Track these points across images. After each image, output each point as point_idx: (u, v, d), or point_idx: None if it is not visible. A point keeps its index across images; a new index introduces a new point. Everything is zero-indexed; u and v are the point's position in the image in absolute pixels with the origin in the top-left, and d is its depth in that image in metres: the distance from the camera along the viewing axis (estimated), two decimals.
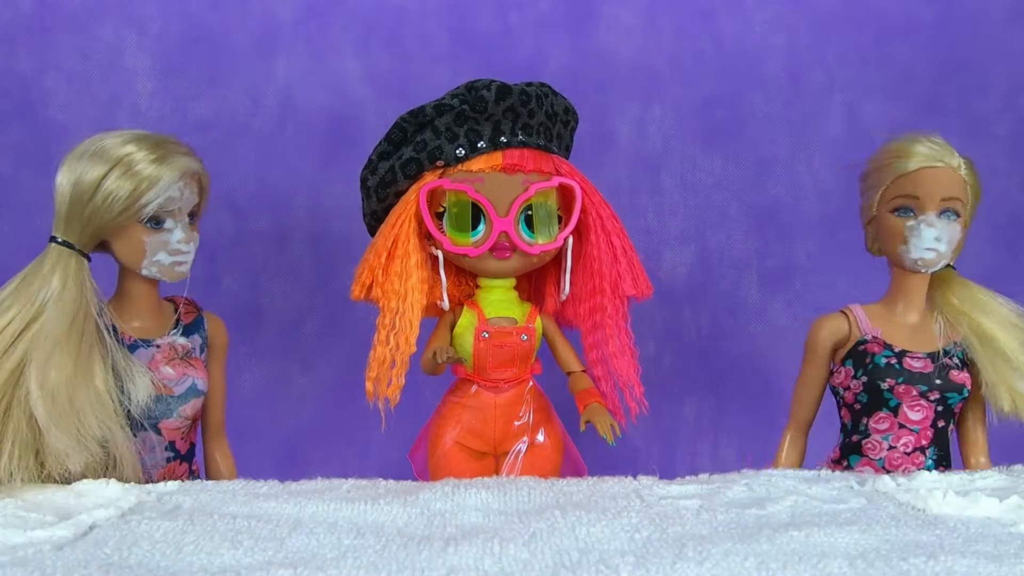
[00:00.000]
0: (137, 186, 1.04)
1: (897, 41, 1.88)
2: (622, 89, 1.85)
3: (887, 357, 1.18)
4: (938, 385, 1.17)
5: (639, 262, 1.26)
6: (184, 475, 1.17)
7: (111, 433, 1.02)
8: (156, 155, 1.05)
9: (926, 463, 1.19)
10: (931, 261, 1.17)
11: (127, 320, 1.13)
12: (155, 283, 1.15)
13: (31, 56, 1.73)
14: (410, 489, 0.98)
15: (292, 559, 0.73)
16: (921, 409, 1.18)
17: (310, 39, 1.80)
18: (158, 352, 1.13)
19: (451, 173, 1.19)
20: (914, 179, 1.15)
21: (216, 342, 1.22)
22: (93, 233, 1.06)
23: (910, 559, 0.70)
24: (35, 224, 1.72)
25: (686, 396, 1.84)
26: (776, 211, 1.85)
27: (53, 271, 1.04)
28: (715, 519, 0.85)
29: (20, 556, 0.73)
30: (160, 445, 1.13)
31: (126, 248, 1.09)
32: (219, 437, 1.26)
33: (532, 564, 0.72)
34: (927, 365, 1.18)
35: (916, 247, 1.16)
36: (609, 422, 1.15)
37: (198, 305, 1.23)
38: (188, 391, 1.14)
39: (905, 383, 1.17)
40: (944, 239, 1.16)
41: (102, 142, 1.05)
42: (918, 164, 1.15)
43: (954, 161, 1.16)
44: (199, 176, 1.13)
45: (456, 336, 1.24)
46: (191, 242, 1.12)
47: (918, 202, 1.16)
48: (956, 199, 1.16)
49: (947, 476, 1.04)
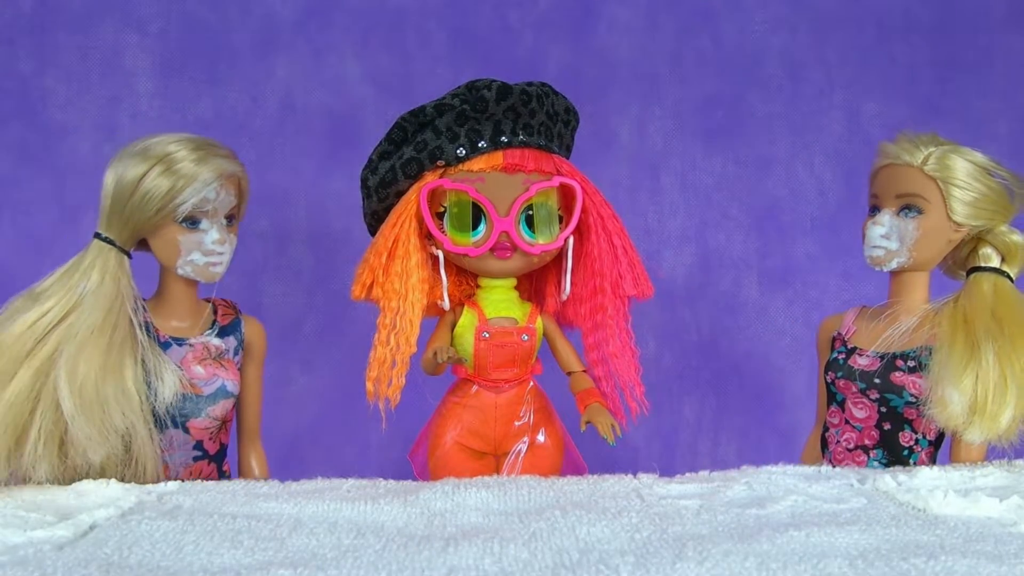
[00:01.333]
0: (174, 184, 1.06)
1: (897, 41, 1.88)
2: (622, 89, 1.85)
3: (839, 353, 1.21)
4: (876, 384, 1.15)
5: (640, 262, 1.26)
6: (212, 475, 1.18)
7: (134, 428, 1.03)
8: (196, 156, 1.08)
9: (869, 464, 1.18)
10: (880, 259, 1.15)
11: (165, 318, 1.15)
12: (194, 283, 1.16)
13: (31, 56, 1.73)
14: (410, 489, 0.98)
15: (292, 559, 0.73)
16: (864, 407, 1.18)
17: (310, 39, 1.80)
18: (190, 351, 1.15)
19: (452, 173, 1.19)
20: (877, 178, 1.17)
21: (253, 346, 1.24)
22: (133, 230, 1.08)
23: (910, 559, 0.70)
24: (35, 223, 1.73)
25: (686, 396, 1.84)
26: (776, 211, 1.85)
27: (93, 265, 1.06)
28: (715, 519, 0.85)
29: (20, 556, 0.73)
30: (187, 444, 1.14)
31: (163, 246, 1.11)
32: (253, 440, 1.27)
33: (532, 564, 0.72)
34: (873, 363, 1.16)
35: (865, 245, 1.17)
36: (610, 422, 1.15)
37: (237, 308, 1.24)
38: (217, 392, 1.15)
39: (844, 378, 1.18)
40: (895, 236, 1.13)
41: (147, 142, 1.08)
42: (880, 163, 1.17)
43: (914, 157, 1.12)
44: (238, 179, 1.15)
45: (457, 336, 1.23)
46: (227, 244, 1.13)
47: (879, 200, 1.16)
48: (914, 195, 1.12)
49: (948, 475, 1.03)
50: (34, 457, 0.98)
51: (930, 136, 1.15)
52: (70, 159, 1.74)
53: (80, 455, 1.00)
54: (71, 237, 1.73)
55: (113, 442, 1.01)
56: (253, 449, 1.27)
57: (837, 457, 1.21)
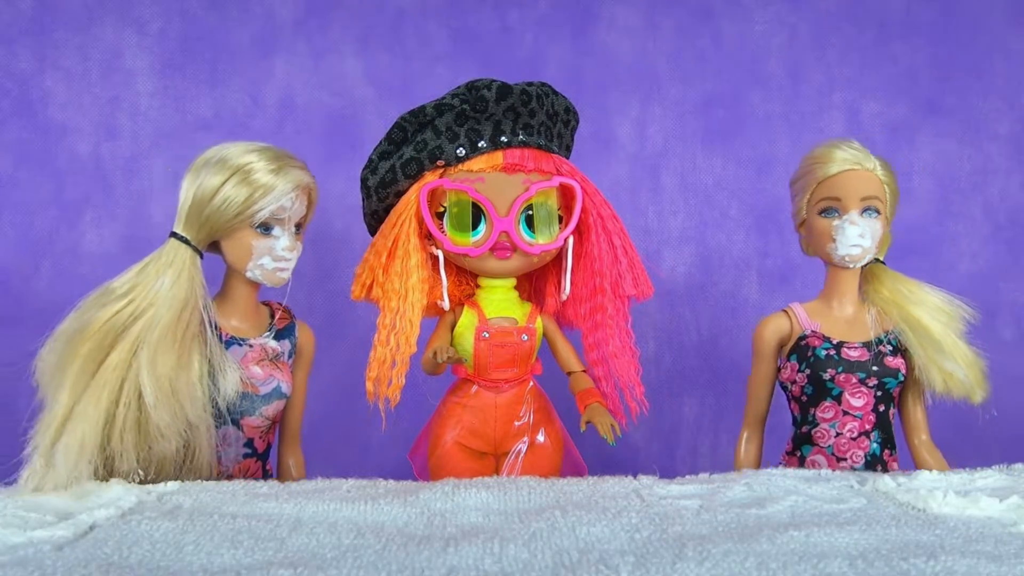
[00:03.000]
0: (252, 193, 1.11)
1: (897, 41, 1.88)
2: (622, 89, 1.85)
3: (826, 349, 1.25)
4: (875, 371, 1.24)
5: (639, 262, 1.26)
6: (258, 473, 1.22)
7: (200, 420, 1.08)
8: (274, 166, 1.13)
9: (871, 447, 1.25)
10: (857, 256, 1.24)
11: (226, 318, 1.19)
12: (256, 286, 1.21)
13: (31, 56, 1.73)
14: (410, 489, 0.98)
15: (292, 559, 0.73)
16: (862, 396, 1.24)
17: (310, 39, 1.80)
18: (250, 351, 1.19)
19: (452, 173, 1.19)
20: (836, 182, 1.24)
21: (304, 350, 1.28)
22: (209, 232, 1.13)
23: (910, 559, 0.70)
24: (35, 223, 1.73)
25: (686, 396, 1.84)
26: (776, 211, 1.85)
27: (170, 263, 1.11)
28: (715, 519, 0.85)
29: (20, 556, 0.73)
30: (239, 441, 1.18)
31: (235, 249, 1.15)
32: (294, 442, 1.31)
33: (532, 564, 0.72)
34: (863, 354, 1.25)
35: (843, 244, 1.24)
36: (609, 422, 1.15)
37: (292, 313, 1.28)
38: (272, 392, 1.19)
39: (844, 371, 1.24)
40: (868, 235, 1.24)
41: (226, 151, 1.13)
42: (839, 168, 1.24)
43: (870, 164, 1.24)
44: (310, 190, 1.20)
45: (456, 336, 1.23)
46: (295, 251, 1.18)
47: (841, 203, 1.24)
48: (875, 198, 1.24)
49: (947, 476, 1.04)
50: (120, 446, 1.03)
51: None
52: (70, 159, 1.74)
53: (156, 444, 1.05)
54: (71, 237, 1.73)
55: (184, 434, 1.06)
56: (292, 452, 1.31)
57: (841, 449, 1.24)
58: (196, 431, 1.08)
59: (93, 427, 1.00)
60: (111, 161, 1.75)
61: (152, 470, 1.07)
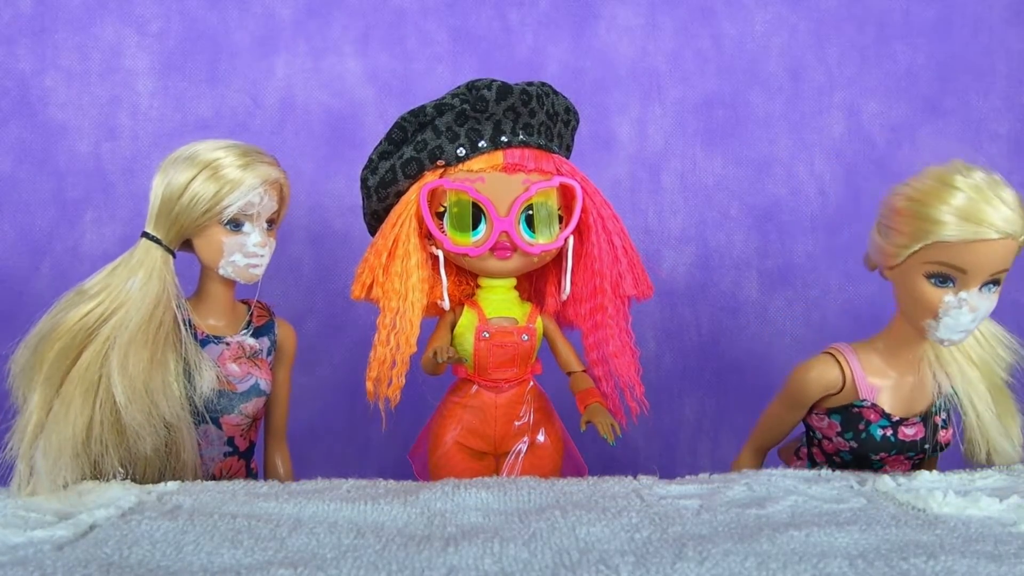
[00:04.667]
0: (220, 188, 1.10)
1: (897, 41, 1.88)
2: (622, 89, 1.85)
3: (883, 428, 1.07)
4: (926, 449, 1.10)
5: (640, 262, 1.26)
6: (240, 471, 1.22)
7: (177, 419, 1.08)
8: (241, 162, 1.13)
9: None
10: (959, 343, 1.01)
11: (203, 317, 1.19)
12: (232, 284, 1.21)
13: (31, 56, 1.73)
14: (410, 489, 0.98)
15: (292, 559, 0.73)
16: (902, 464, 1.13)
17: (310, 39, 1.80)
18: (227, 349, 1.19)
19: (452, 173, 1.19)
20: (969, 250, 0.93)
21: (285, 347, 1.28)
22: (179, 231, 1.12)
23: (910, 559, 0.70)
24: (35, 223, 1.73)
25: (686, 396, 1.84)
26: (776, 211, 1.85)
27: (141, 263, 1.10)
28: (715, 519, 0.85)
29: (20, 556, 0.73)
30: (220, 439, 1.18)
31: (206, 247, 1.15)
32: (280, 440, 1.31)
33: (532, 564, 0.72)
34: (919, 431, 1.08)
35: (949, 328, 0.98)
36: (610, 422, 1.15)
37: (271, 310, 1.29)
38: (251, 390, 1.19)
39: (897, 452, 1.09)
40: (979, 317, 0.98)
41: (194, 148, 1.13)
42: (982, 236, 0.93)
43: (1019, 228, 0.94)
44: (280, 185, 1.20)
45: (457, 336, 1.23)
46: (267, 247, 1.18)
47: (964, 276, 0.95)
48: (1005, 270, 0.96)
49: (947, 476, 1.04)
50: (100, 447, 1.02)
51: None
52: (70, 159, 1.74)
53: (132, 444, 1.05)
54: (71, 237, 1.73)
55: (161, 433, 1.06)
56: (278, 449, 1.31)
57: None
58: (176, 430, 1.08)
59: (69, 429, 1.00)
60: (111, 161, 1.75)
61: (135, 470, 1.07)
